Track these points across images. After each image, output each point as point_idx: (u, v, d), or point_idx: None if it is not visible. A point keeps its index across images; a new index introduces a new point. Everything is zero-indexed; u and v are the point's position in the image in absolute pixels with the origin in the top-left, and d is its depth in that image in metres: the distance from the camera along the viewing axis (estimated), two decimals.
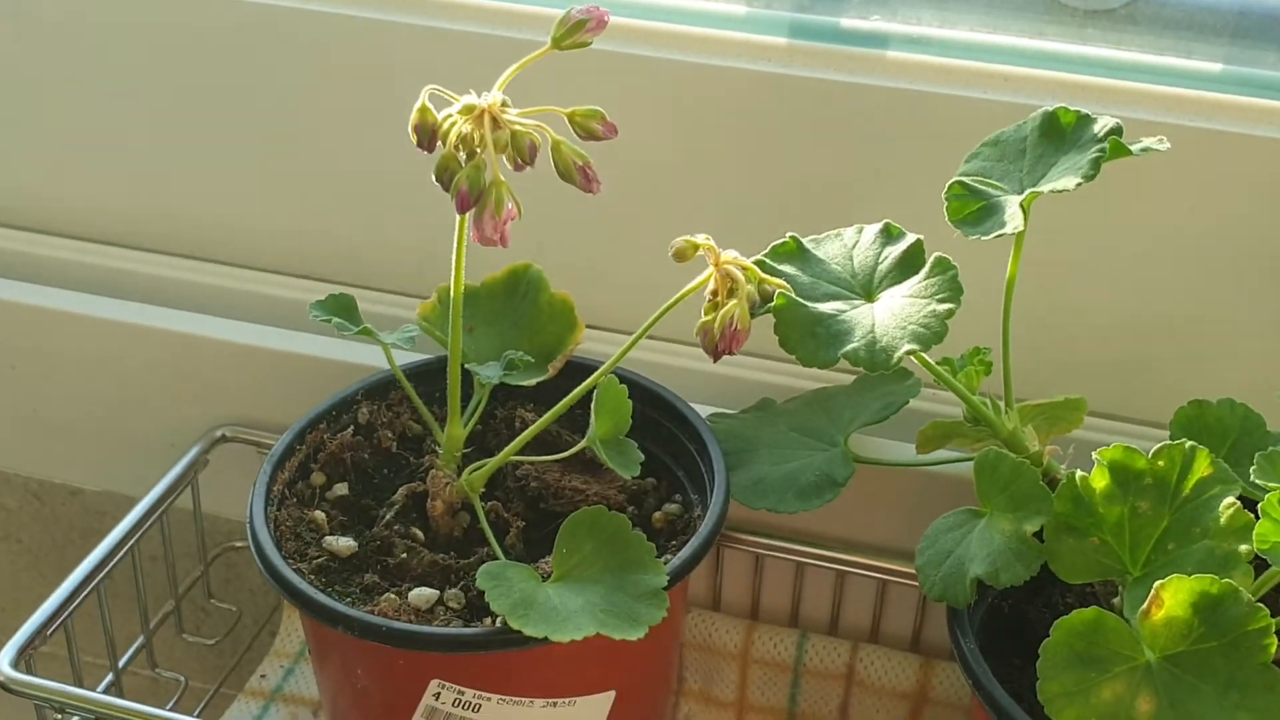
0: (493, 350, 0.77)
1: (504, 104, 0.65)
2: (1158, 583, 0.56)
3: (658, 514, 0.75)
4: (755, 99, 0.83)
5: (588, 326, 0.91)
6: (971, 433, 0.72)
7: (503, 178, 0.64)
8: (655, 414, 0.78)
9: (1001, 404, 0.70)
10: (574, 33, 0.65)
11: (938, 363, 0.72)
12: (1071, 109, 0.70)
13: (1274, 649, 0.54)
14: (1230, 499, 0.59)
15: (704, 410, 0.81)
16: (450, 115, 0.64)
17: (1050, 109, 0.70)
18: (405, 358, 0.80)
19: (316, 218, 0.93)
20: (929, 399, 0.80)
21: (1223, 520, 0.58)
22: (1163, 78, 0.80)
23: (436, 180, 0.65)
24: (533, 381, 0.76)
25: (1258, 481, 0.55)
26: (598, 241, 0.90)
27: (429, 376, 0.79)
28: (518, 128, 0.63)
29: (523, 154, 0.63)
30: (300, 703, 0.86)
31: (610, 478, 0.76)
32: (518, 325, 0.79)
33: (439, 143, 0.65)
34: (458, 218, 0.66)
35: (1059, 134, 0.69)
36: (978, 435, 0.71)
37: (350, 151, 0.91)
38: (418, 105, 0.65)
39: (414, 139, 0.65)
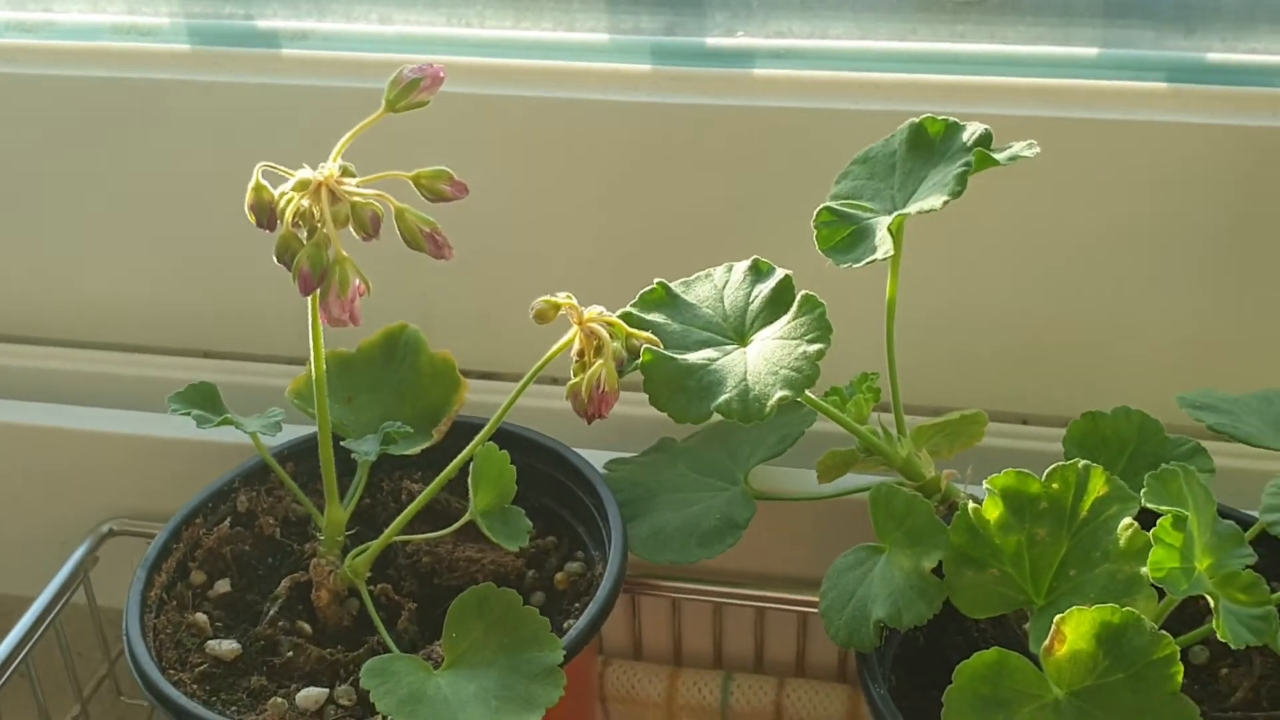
0: (375, 419, 0.74)
1: (344, 172, 0.62)
2: (1057, 617, 0.53)
3: (560, 574, 0.72)
4: (624, 131, 0.80)
5: (484, 376, 0.88)
6: (869, 460, 0.69)
7: (345, 253, 0.61)
8: (549, 469, 0.75)
9: (894, 431, 0.68)
10: (408, 94, 0.62)
11: (827, 392, 0.70)
12: (939, 118, 0.67)
13: (1180, 677, 0.52)
14: (1128, 519, 0.56)
15: (604, 456, 0.79)
16: (286, 191, 0.61)
17: (917, 120, 0.68)
18: (290, 434, 0.77)
19: (190, 289, 0.90)
20: (830, 422, 0.78)
21: (1122, 542, 0.56)
22: (1038, 68, 0.79)
23: (278, 261, 0.62)
24: (417, 450, 0.73)
25: (1149, 506, 0.53)
26: (484, 288, 0.87)
27: (312, 452, 0.75)
28: (358, 199, 0.60)
29: (364, 227, 0.60)
30: None
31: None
32: (399, 391, 0.76)
33: (279, 220, 0.61)
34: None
35: (927, 145, 0.67)
36: (874, 462, 0.69)
37: (218, 218, 0.87)
38: (251, 184, 0.62)
39: (252, 219, 0.62)
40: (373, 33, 0.86)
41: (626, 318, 0.64)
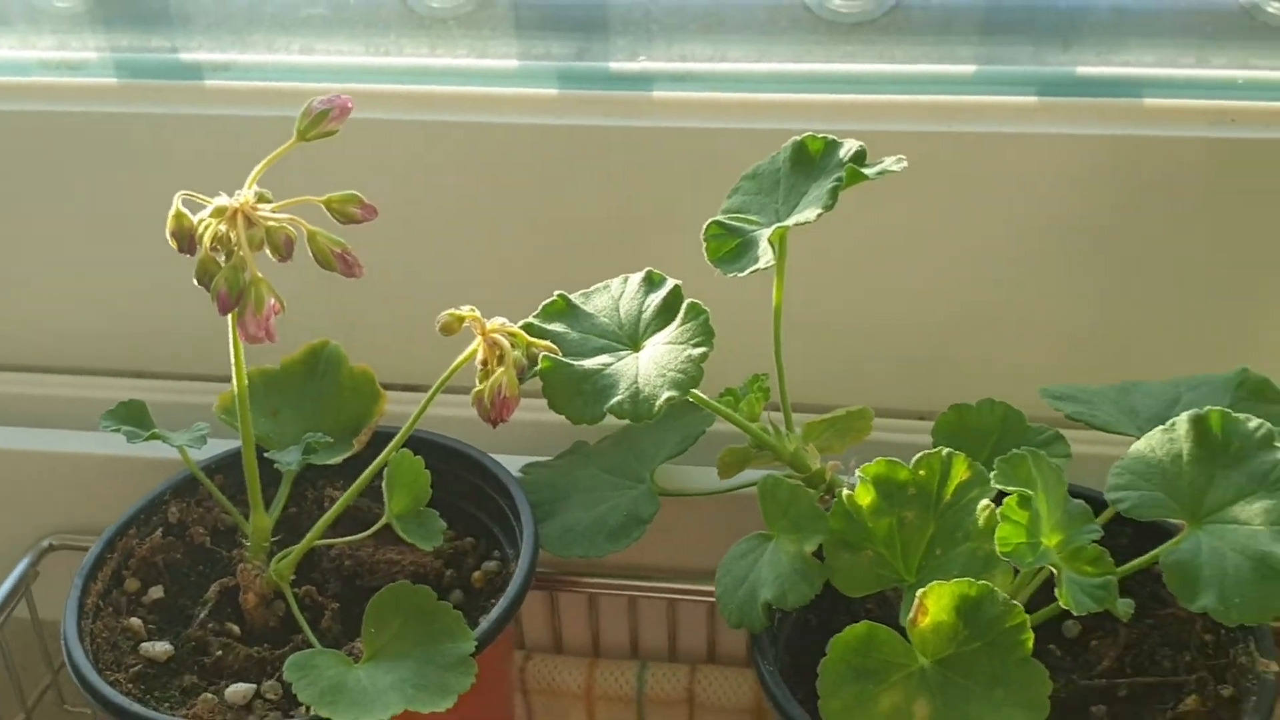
0: (299, 432, 0.78)
1: (260, 198, 0.66)
2: (920, 591, 0.58)
3: (477, 573, 0.76)
4: (532, 152, 0.85)
5: (406, 388, 0.92)
6: (762, 455, 0.74)
7: (261, 275, 0.65)
8: (466, 474, 0.80)
9: (783, 427, 0.72)
10: (318, 124, 0.66)
11: (722, 393, 0.75)
12: (819, 136, 0.72)
13: (1031, 643, 0.57)
14: (986, 500, 0.61)
15: (520, 460, 0.83)
16: (204, 218, 0.65)
17: (799, 139, 0.73)
18: (218, 447, 0.80)
19: (122, 312, 0.93)
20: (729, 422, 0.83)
21: (981, 522, 0.61)
22: (920, 85, 0.84)
23: (198, 283, 0.66)
24: (338, 459, 0.77)
25: (997, 486, 0.58)
26: (403, 305, 0.91)
27: (240, 464, 0.79)
28: (271, 224, 0.65)
29: (278, 249, 0.64)
30: None
31: None
32: (321, 404, 0.80)
33: (198, 245, 0.65)
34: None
35: (809, 162, 0.72)
36: (767, 458, 0.74)
37: (147, 244, 0.91)
38: (172, 211, 0.66)
39: (173, 245, 0.66)
40: (293, 63, 0.90)
41: (528, 328, 0.68)
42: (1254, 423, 0.61)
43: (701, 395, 0.70)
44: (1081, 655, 0.71)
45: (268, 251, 0.66)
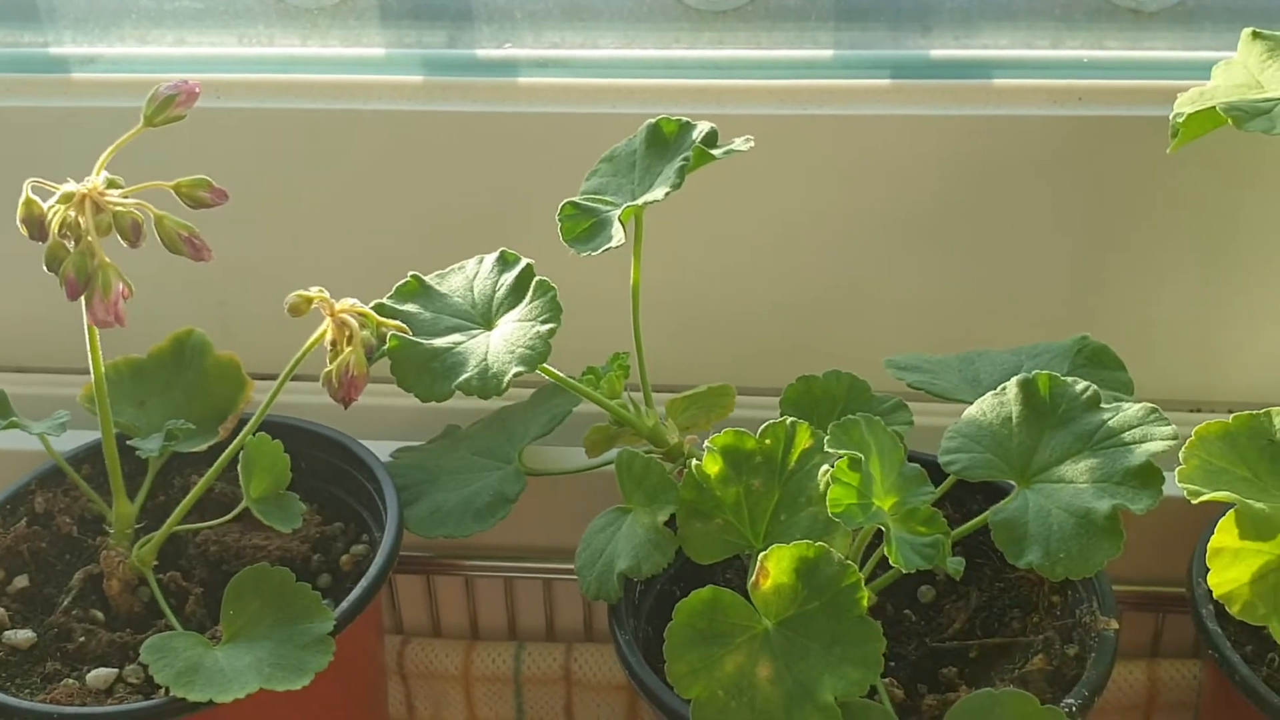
0: (166, 420, 0.78)
1: (110, 184, 0.66)
2: (761, 554, 0.60)
3: (345, 557, 0.77)
4: (399, 138, 0.85)
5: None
6: (624, 433, 0.75)
7: (109, 260, 0.65)
8: (333, 458, 0.80)
9: (643, 404, 0.74)
10: (165, 109, 0.67)
11: (584, 373, 0.76)
12: (673, 119, 0.74)
13: (866, 601, 0.59)
14: (826, 466, 0.63)
15: (393, 446, 0.83)
16: (53, 205, 0.65)
17: (654, 121, 0.74)
18: (85, 437, 0.80)
19: None
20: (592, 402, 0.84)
21: (821, 487, 0.63)
22: (780, 70, 0.85)
23: (48, 269, 0.66)
24: (204, 447, 0.77)
25: (829, 450, 0.60)
26: (277, 293, 0.91)
27: None
28: (119, 209, 0.65)
29: (125, 234, 0.65)
30: None
31: (294, 529, 0.77)
32: (188, 392, 0.80)
33: (48, 232, 0.66)
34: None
35: (663, 144, 0.73)
36: (629, 434, 0.75)
37: (9, 237, 0.90)
38: (22, 199, 0.66)
39: (24, 232, 0.66)
40: (164, 55, 0.90)
41: (379, 308, 0.69)
42: (1080, 385, 0.63)
43: (562, 375, 0.71)
44: (935, 619, 0.73)
45: (120, 239, 0.66)
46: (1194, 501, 0.60)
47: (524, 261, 0.70)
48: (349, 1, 0.88)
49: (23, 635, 0.71)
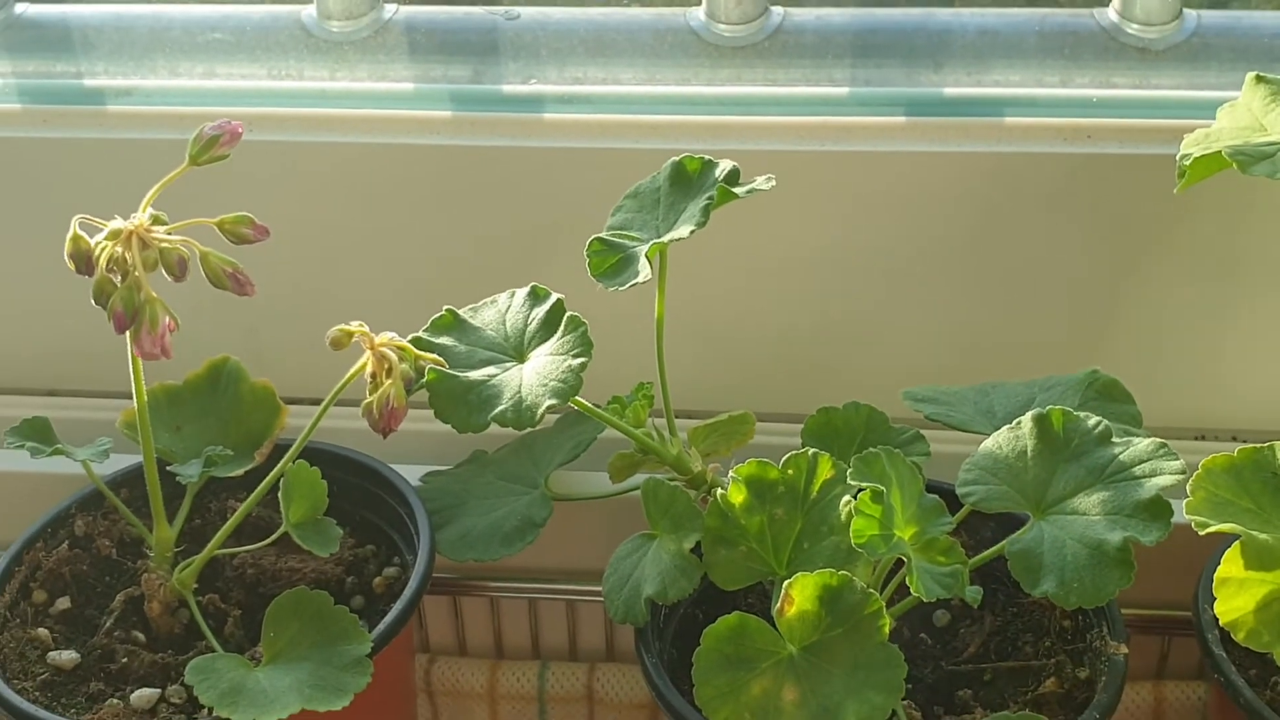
0: (202, 446, 0.80)
1: (155, 220, 0.68)
2: (786, 582, 0.62)
3: (378, 579, 0.79)
4: (426, 172, 0.88)
5: (313, 403, 0.95)
6: (648, 460, 0.78)
7: (155, 294, 0.67)
8: (365, 483, 0.82)
9: (666, 432, 0.76)
10: (209, 149, 0.69)
11: (609, 402, 0.78)
12: (696, 156, 0.76)
13: (888, 628, 0.61)
14: (848, 497, 0.65)
15: (420, 470, 0.86)
16: (100, 240, 0.68)
17: (678, 159, 0.77)
18: (124, 461, 0.83)
19: (31, 331, 0.95)
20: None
21: (843, 517, 0.65)
22: (797, 107, 0.88)
23: (95, 303, 0.68)
24: (240, 471, 0.79)
25: (851, 482, 0.62)
26: (308, 322, 0.94)
27: (145, 478, 0.81)
28: (165, 245, 0.67)
29: (171, 269, 0.67)
30: None
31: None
32: (223, 418, 0.82)
33: (95, 266, 0.68)
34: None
35: (686, 181, 0.76)
36: (653, 461, 0.77)
37: (51, 265, 0.93)
38: (70, 234, 0.68)
39: (71, 266, 0.69)
40: (195, 87, 0.93)
41: (416, 342, 0.72)
42: (1092, 420, 0.66)
43: (589, 404, 0.74)
44: (950, 643, 0.75)
45: (164, 272, 0.68)
46: (1201, 533, 0.63)
47: (555, 296, 0.73)
48: (378, 36, 0.91)
49: (67, 656, 0.73)
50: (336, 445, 0.83)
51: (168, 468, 0.77)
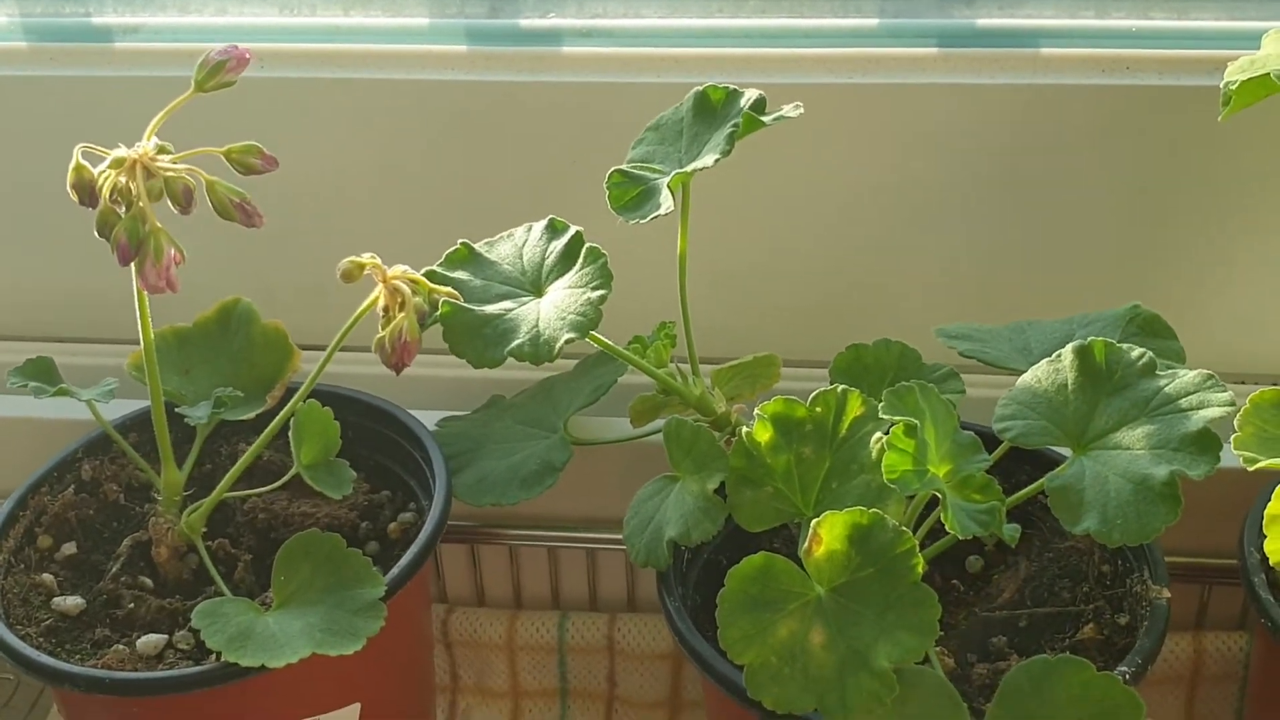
0: (212, 389, 0.78)
1: (160, 150, 0.66)
2: (815, 521, 0.60)
3: (393, 525, 0.77)
4: (443, 107, 0.85)
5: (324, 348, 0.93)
6: (670, 402, 0.75)
7: (160, 225, 0.65)
8: (381, 427, 0.80)
9: (689, 372, 0.74)
10: (215, 74, 0.67)
11: (630, 341, 0.76)
12: (720, 86, 0.73)
13: (921, 568, 0.58)
14: (879, 434, 0.63)
15: (438, 415, 0.84)
16: (103, 170, 0.65)
17: (701, 89, 0.74)
18: (132, 405, 0.81)
19: (38, 277, 0.93)
20: (641, 373, 0.84)
21: (874, 455, 0.62)
22: (826, 39, 0.85)
23: (99, 235, 0.66)
24: (251, 414, 0.77)
25: (884, 416, 0.59)
26: (321, 264, 0.91)
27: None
28: (170, 174, 0.65)
29: (177, 199, 0.65)
30: None
31: (342, 498, 0.77)
32: (234, 360, 0.80)
33: (99, 197, 0.66)
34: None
35: (710, 112, 0.73)
36: (675, 403, 0.75)
37: (58, 207, 0.91)
38: (72, 164, 0.66)
39: (74, 197, 0.66)
40: (204, 24, 0.90)
41: (430, 275, 0.69)
42: (1136, 352, 0.63)
43: (610, 343, 0.71)
44: (984, 589, 0.73)
45: (170, 205, 0.66)
46: (1250, 469, 0.60)
47: (573, 229, 0.70)
48: None
49: (72, 601, 0.71)
50: (351, 389, 0.81)
51: (176, 410, 0.75)
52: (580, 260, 0.68)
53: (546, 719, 0.88)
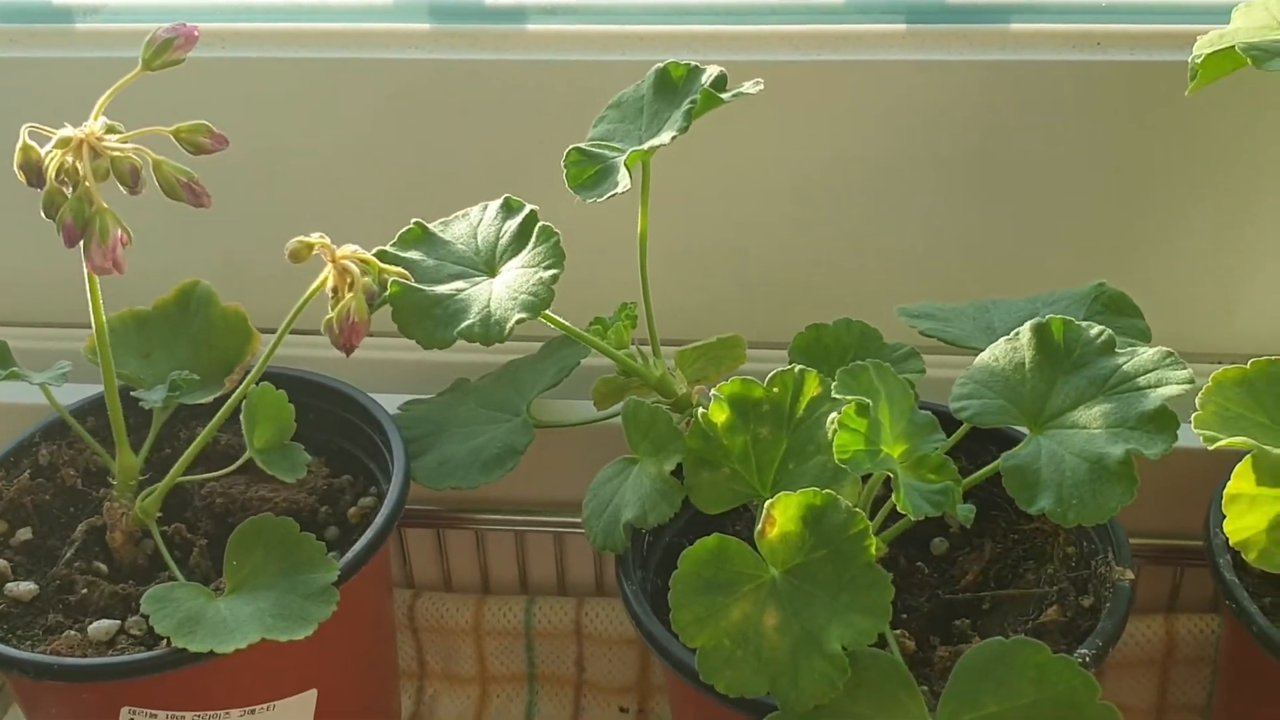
0: (171, 372, 0.78)
1: (109, 130, 0.65)
2: (768, 502, 0.59)
3: (353, 509, 0.76)
4: (405, 86, 0.84)
5: (291, 332, 0.92)
6: (632, 384, 0.74)
7: (107, 205, 0.64)
8: (342, 411, 0.79)
9: (650, 353, 0.73)
10: (163, 53, 0.66)
11: (591, 323, 0.75)
12: (682, 63, 0.72)
13: (874, 549, 0.58)
14: (834, 414, 0.62)
15: (401, 399, 0.83)
16: (50, 150, 0.64)
17: (662, 65, 0.73)
18: (90, 390, 0.80)
19: None
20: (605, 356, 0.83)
21: (830, 435, 0.61)
22: (791, 15, 0.83)
23: (46, 216, 0.65)
24: (210, 398, 0.76)
25: (836, 396, 0.58)
26: (283, 244, 0.91)
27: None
28: (117, 154, 0.64)
29: (124, 179, 0.64)
30: None
31: (302, 481, 0.76)
32: (193, 344, 0.79)
33: (45, 178, 0.65)
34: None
35: (671, 89, 0.72)
36: (636, 385, 0.74)
37: (14, 191, 0.90)
38: (19, 144, 0.65)
39: (21, 178, 0.65)
40: (166, 4, 0.89)
41: (381, 255, 0.68)
42: (1095, 329, 0.62)
43: (568, 324, 0.70)
44: (948, 571, 0.72)
45: (119, 186, 0.65)
46: (1210, 447, 0.59)
47: (528, 208, 0.69)
48: None
49: (25, 587, 0.71)
50: (312, 372, 0.80)
51: (132, 393, 0.74)
52: (533, 239, 0.67)
53: (514, 705, 0.87)
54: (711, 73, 0.71)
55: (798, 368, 0.64)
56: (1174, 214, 0.82)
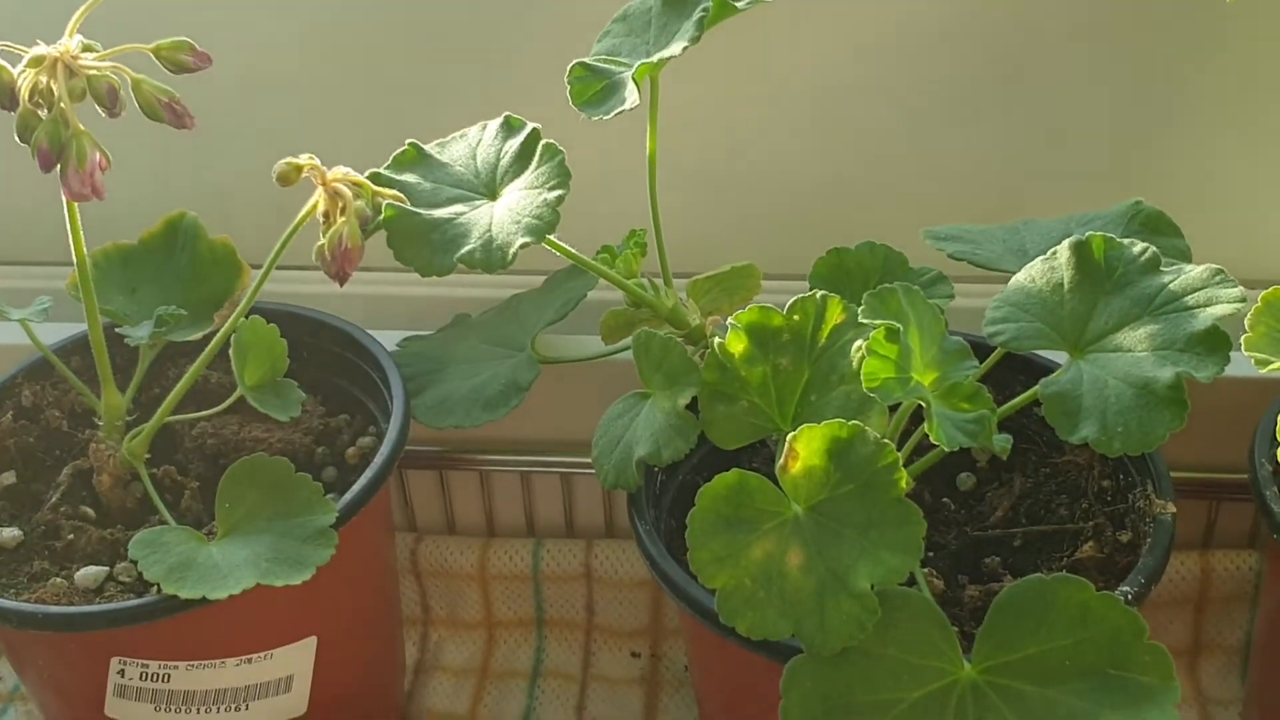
0: (157, 308, 0.74)
1: (85, 48, 0.61)
2: (790, 435, 0.55)
3: (351, 450, 0.73)
4: (404, 8, 0.80)
5: (285, 268, 0.88)
6: (642, 316, 0.71)
7: (83, 127, 0.60)
8: (338, 348, 0.76)
9: (660, 284, 0.69)
10: None
11: (598, 251, 0.71)
12: None
13: (904, 483, 0.54)
14: (860, 342, 0.58)
15: (400, 336, 0.79)
16: (22, 69, 0.60)
17: None
18: (76, 328, 0.76)
19: None
20: (612, 289, 0.79)
21: (855, 364, 0.58)
22: None
23: (20, 140, 0.61)
24: (198, 335, 0.73)
25: (864, 321, 0.55)
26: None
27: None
28: (93, 73, 0.60)
29: (101, 99, 0.60)
30: None
31: (297, 421, 0.73)
32: (181, 279, 0.75)
33: (18, 100, 0.61)
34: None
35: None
36: (647, 317, 0.70)
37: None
38: None
39: None
40: None
41: (375, 178, 0.64)
42: (1138, 246, 0.58)
43: (575, 252, 0.67)
44: (976, 507, 0.69)
45: (96, 107, 0.61)
46: (1262, 370, 0.56)
47: (530, 126, 0.65)
48: None
49: (9, 533, 0.68)
50: (307, 307, 0.77)
51: (117, 330, 0.71)
52: (536, 159, 0.63)
53: (522, 650, 0.84)
54: None
55: (820, 293, 0.60)
56: (1211, 132, 0.78)
